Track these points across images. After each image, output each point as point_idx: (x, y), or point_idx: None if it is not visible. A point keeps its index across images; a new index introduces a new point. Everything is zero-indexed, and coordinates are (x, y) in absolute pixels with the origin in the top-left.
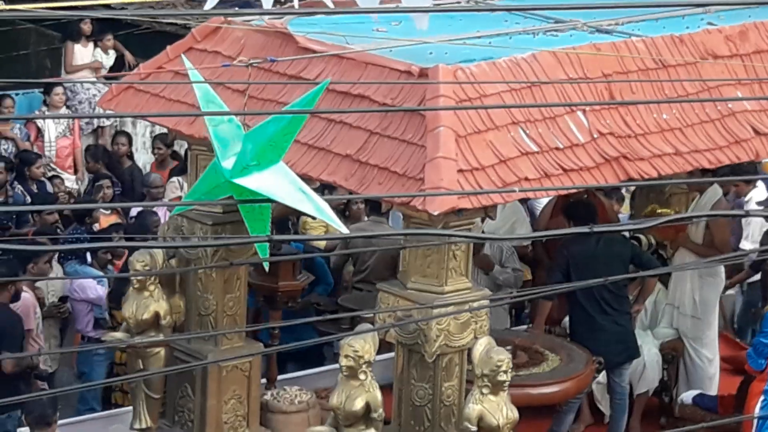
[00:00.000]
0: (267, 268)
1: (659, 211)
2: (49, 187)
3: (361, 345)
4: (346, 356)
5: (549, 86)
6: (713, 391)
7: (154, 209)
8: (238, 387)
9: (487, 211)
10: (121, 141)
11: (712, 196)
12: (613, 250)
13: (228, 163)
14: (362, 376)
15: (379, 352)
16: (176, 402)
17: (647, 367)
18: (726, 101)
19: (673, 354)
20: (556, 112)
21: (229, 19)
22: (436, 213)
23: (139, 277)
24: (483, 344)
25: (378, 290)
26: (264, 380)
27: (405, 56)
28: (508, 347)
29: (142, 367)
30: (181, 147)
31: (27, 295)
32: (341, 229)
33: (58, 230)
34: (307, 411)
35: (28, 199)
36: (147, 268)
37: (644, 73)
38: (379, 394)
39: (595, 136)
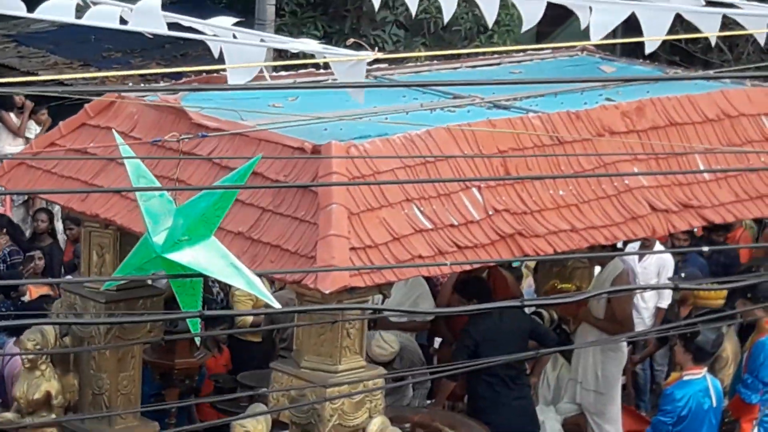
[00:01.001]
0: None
1: (560, 286)
2: None
3: (253, 426)
4: None
5: (444, 162)
6: None
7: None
8: None
9: (381, 289)
10: (41, 218)
11: (613, 270)
12: (515, 325)
13: (159, 239)
14: None
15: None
16: None
17: None
18: (623, 176)
19: (575, 430)
20: (450, 189)
21: (123, 94)
22: (327, 291)
23: (30, 356)
24: (377, 424)
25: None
26: None
27: (300, 133)
28: (407, 425)
29: None
30: None
31: None
32: (273, 303)
33: None
34: None
35: None
36: (38, 347)
37: (540, 149)
38: None
39: (491, 212)
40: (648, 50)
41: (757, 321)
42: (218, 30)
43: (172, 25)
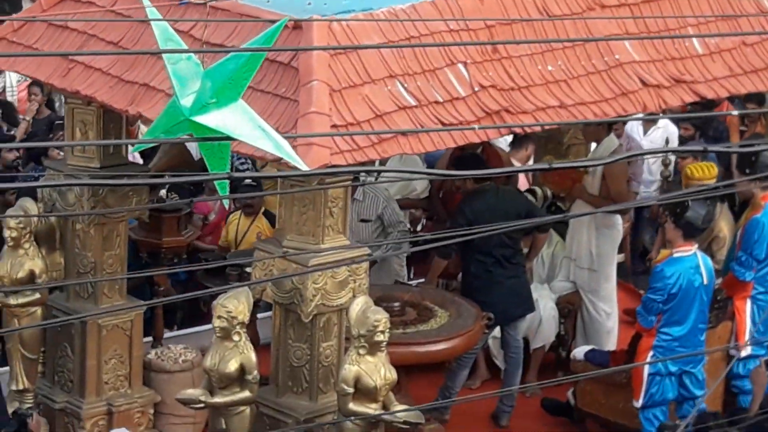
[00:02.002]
0: None
1: (555, 163)
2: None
3: (234, 305)
4: (219, 317)
5: (429, 37)
6: (611, 345)
7: None
8: (118, 346)
9: (357, 174)
10: (34, 91)
11: (609, 145)
12: (510, 204)
13: (187, 101)
14: (236, 338)
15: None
16: (55, 362)
17: (543, 322)
18: (612, 50)
19: (569, 308)
20: (435, 65)
21: None
22: (306, 169)
23: (13, 235)
24: (360, 304)
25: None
26: (150, 338)
27: (282, 8)
28: (396, 303)
29: (18, 326)
30: None
31: None
32: (301, 165)
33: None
34: (192, 370)
35: None
36: (21, 225)
37: (529, 24)
38: (253, 356)
39: (476, 89)
40: None
41: (753, 197)
42: None
43: None
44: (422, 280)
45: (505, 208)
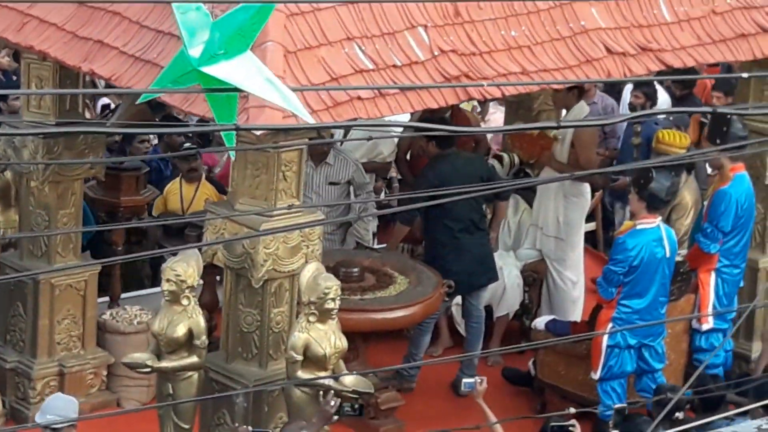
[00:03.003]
0: None
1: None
2: None
3: (183, 269)
4: (168, 280)
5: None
6: (576, 314)
7: None
8: (72, 306)
9: (319, 131)
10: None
11: (579, 113)
12: (472, 169)
13: (195, 52)
14: (185, 302)
15: None
16: (8, 321)
17: (507, 290)
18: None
19: (534, 276)
20: (395, 28)
21: None
22: (259, 133)
23: None
24: (311, 270)
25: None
26: (107, 299)
27: None
28: (355, 269)
29: None
30: None
31: None
32: (306, 118)
33: None
34: (147, 332)
35: None
36: None
37: None
38: (202, 320)
39: (436, 53)
40: None
41: (721, 168)
42: None
43: None
44: (384, 245)
45: (468, 172)
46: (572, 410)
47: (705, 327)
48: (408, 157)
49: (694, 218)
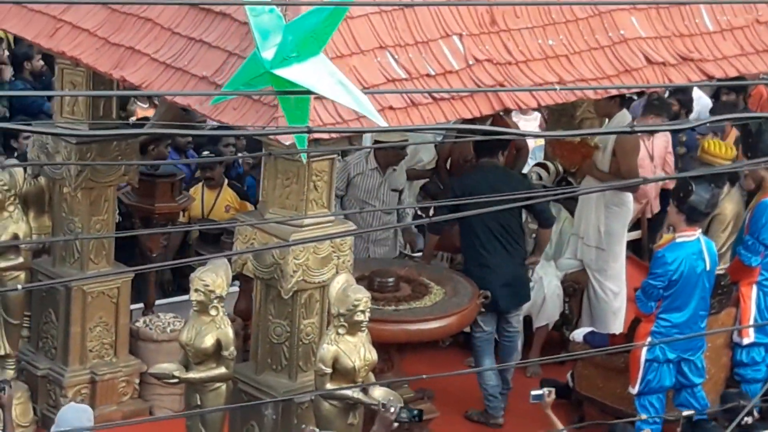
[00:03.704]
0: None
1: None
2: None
3: (212, 279)
4: (197, 290)
5: (424, 8)
6: (618, 325)
7: None
8: (104, 314)
9: (351, 141)
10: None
11: (621, 121)
12: (504, 185)
13: (268, 54)
14: (213, 312)
15: None
16: (40, 328)
17: (547, 300)
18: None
19: (575, 286)
20: (429, 37)
21: None
22: (287, 143)
23: None
24: (340, 282)
25: None
26: (141, 305)
27: None
28: (390, 279)
29: None
30: None
31: None
32: (379, 121)
33: None
34: None
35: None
36: (6, 188)
37: None
38: (230, 331)
39: (471, 62)
40: None
41: (762, 181)
42: None
43: None
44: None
45: (497, 186)
46: None
47: (746, 341)
48: (448, 165)
49: (733, 231)
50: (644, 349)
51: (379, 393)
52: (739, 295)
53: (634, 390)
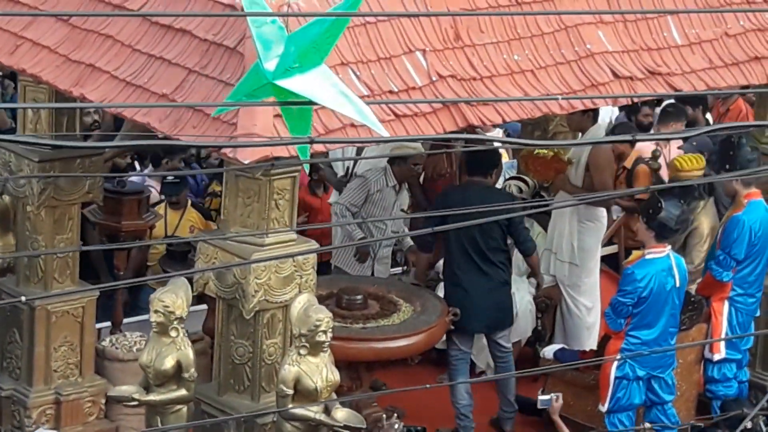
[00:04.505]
0: None
1: (537, 152)
2: None
3: (171, 300)
4: (156, 311)
5: (386, 23)
6: (592, 341)
7: None
8: (69, 333)
9: (328, 154)
10: None
11: (595, 134)
12: (485, 200)
13: (270, 65)
14: (173, 333)
15: None
16: (4, 348)
17: (519, 316)
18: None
19: (547, 302)
20: (392, 53)
21: None
22: (246, 161)
23: None
24: (302, 302)
25: None
26: (109, 324)
27: None
28: (359, 296)
29: None
30: None
31: None
32: (381, 131)
33: None
34: None
35: None
36: None
37: (495, 9)
38: (191, 353)
39: (434, 78)
40: None
41: (735, 195)
42: None
43: None
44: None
45: (477, 204)
46: None
47: (717, 357)
48: (422, 180)
49: (711, 245)
50: (614, 367)
51: (341, 415)
52: (711, 311)
53: (604, 408)
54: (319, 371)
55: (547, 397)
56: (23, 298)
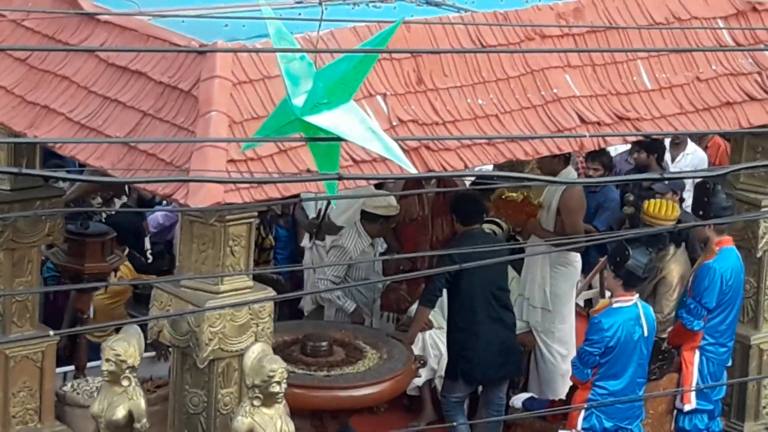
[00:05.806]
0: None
1: (506, 195)
2: None
3: (123, 348)
4: (108, 360)
5: None
6: (566, 389)
7: None
8: (28, 378)
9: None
10: None
11: (567, 177)
12: (499, 252)
13: (298, 101)
14: (125, 383)
15: None
16: None
17: None
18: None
19: (521, 348)
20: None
21: None
22: (199, 206)
23: None
24: (255, 352)
25: None
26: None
27: (194, 28)
28: (324, 343)
29: None
30: None
31: None
32: (408, 168)
33: None
34: None
35: None
36: None
37: (460, 54)
38: (143, 402)
39: (395, 123)
40: None
41: (707, 242)
42: None
43: None
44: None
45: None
46: None
47: (687, 407)
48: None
49: (681, 293)
50: (581, 418)
51: None
52: (682, 360)
53: None
54: (273, 423)
55: None
56: None
